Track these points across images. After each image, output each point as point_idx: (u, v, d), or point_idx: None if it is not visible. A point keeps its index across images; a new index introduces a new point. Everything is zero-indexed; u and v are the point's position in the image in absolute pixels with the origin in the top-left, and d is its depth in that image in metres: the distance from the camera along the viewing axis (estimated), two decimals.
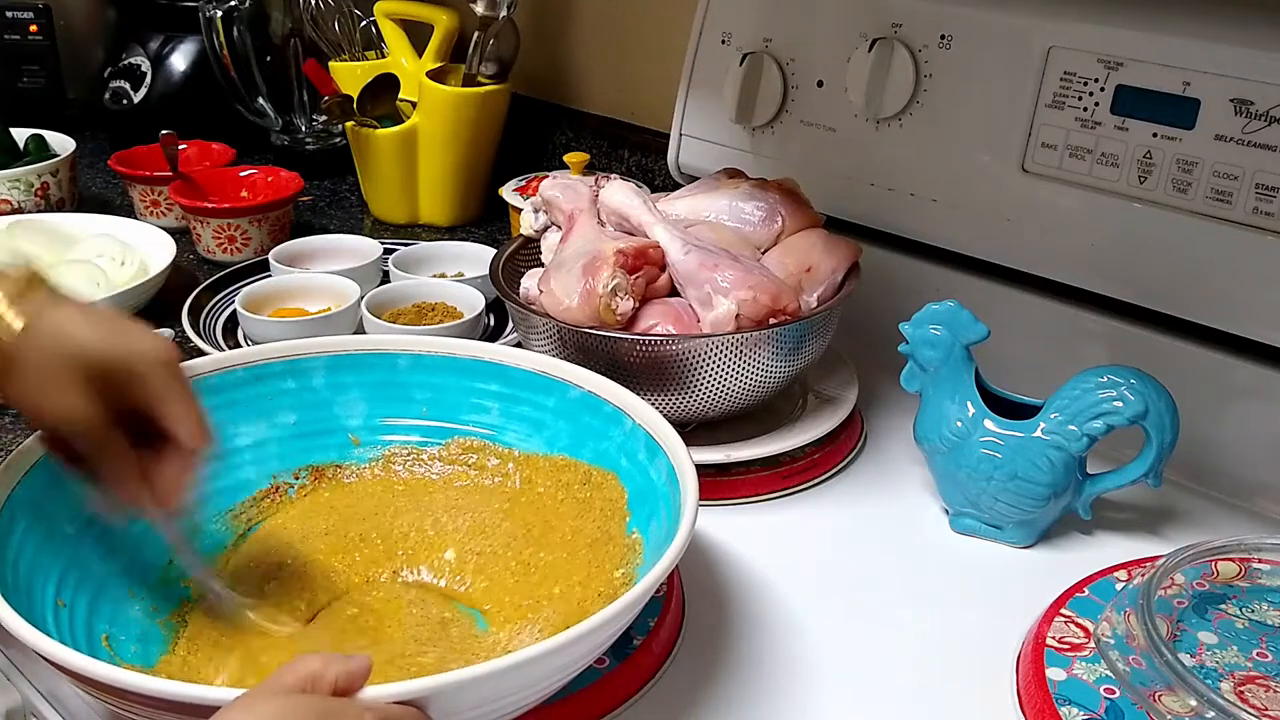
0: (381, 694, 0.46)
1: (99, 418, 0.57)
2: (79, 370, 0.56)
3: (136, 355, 0.57)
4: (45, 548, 0.60)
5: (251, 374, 0.72)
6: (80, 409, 0.56)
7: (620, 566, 0.65)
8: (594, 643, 0.54)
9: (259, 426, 0.72)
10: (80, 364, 0.56)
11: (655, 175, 1.23)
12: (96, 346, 0.56)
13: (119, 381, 0.57)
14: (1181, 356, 0.82)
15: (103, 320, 0.57)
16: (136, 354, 0.57)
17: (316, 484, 0.73)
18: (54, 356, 0.55)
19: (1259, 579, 0.69)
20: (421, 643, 0.62)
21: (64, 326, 0.56)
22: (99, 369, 0.56)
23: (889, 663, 0.66)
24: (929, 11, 0.89)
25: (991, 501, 0.75)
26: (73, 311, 0.57)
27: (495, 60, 1.24)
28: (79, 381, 0.56)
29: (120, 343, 0.57)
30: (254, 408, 0.72)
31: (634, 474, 0.68)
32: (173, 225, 1.20)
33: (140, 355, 0.57)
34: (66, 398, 0.56)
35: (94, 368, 0.56)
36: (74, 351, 0.56)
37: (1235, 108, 0.76)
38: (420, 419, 0.76)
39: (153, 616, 0.63)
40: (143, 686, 0.47)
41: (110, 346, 0.56)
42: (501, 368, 0.74)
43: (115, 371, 0.56)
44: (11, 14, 1.47)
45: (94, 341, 0.56)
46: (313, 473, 0.74)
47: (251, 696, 0.44)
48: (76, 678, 0.49)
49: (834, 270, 0.83)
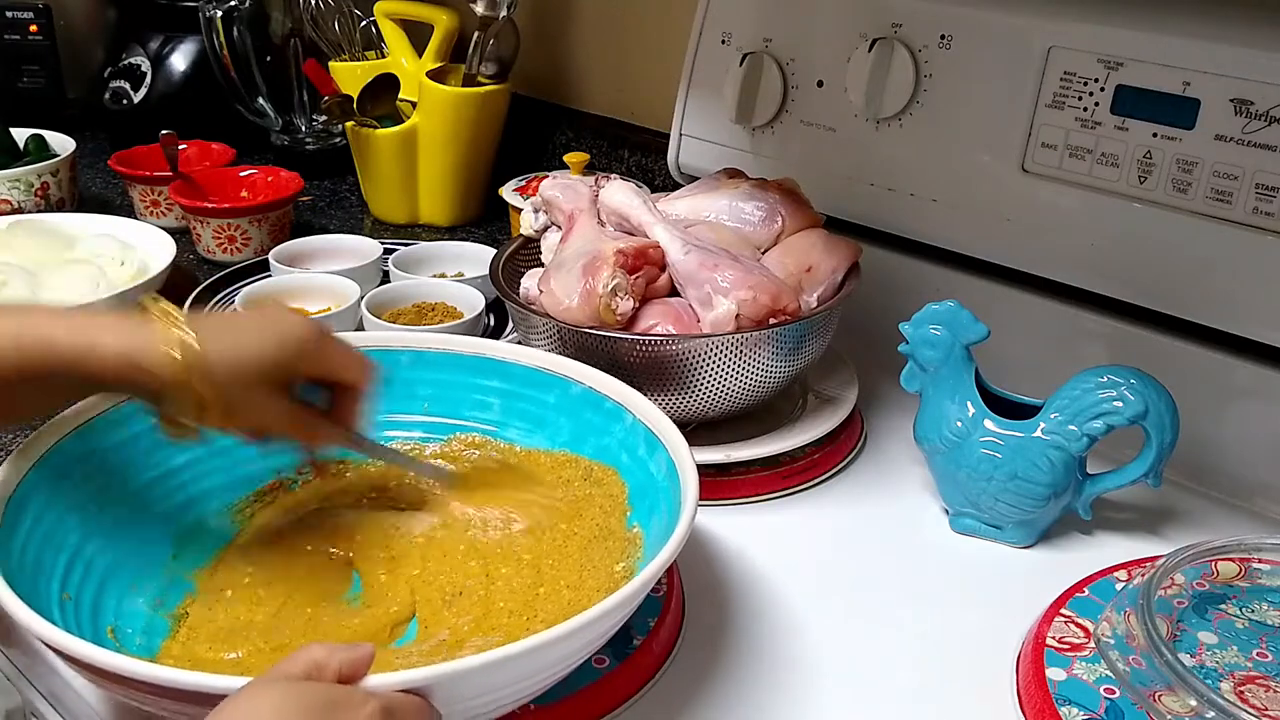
0: (384, 682, 0.46)
1: (292, 412, 0.63)
2: (265, 381, 0.60)
3: (296, 347, 0.61)
4: (51, 542, 0.60)
5: None
6: (283, 414, 0.62)
7: (621, 561, 0.65)
8: (594, 634, 0.54)
9: None
10: (265, 376, 0.60)
11: (655, 175, 1.23)
12: (270, 355, 0.60)
13: (294, 371, 0.62)
14: (1181, 356, 0.82)
15: (253, 329, 0.61)
16: (296, 347, 0.61)
17: (319, 478, 0.74)
18: (244, 382, 0.59)
19: (1259, 579, 0.69)
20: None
21: (232, 349, 0.59)
22: (279, 372, 0.61)
23: (889, 663, 0.66)
24: (929, 11, 0.89)
25: (991, 501, 0.75)
26: (220, 331, 0.59)
27: (495, 60, 1.24)
28: (269, 391, 0.61)
29: (280, 344, 0.61)
30: None
31: (634, 469, 0.68)
32: (173, 225, 1.21)
33: (299, 346, 0.61)
34: (269, 409, 0.61)
35: (275, 373, 0.60)
36: (256, 368, 0.59)
37: (1235, 108, 0.76)
38: (422, 415, 0.76)
39: (157, 609, 0.63)
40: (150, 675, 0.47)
41: (274, 351, 0.60)
42: (503, 364, 0.75)
43: (288, 366, 0.61)
44: (11, 14, 1.47)
45: (263, 353, 0.60)
46: (315, 468, 0.74)
47: (256, 684, 0.45)
48: (87, 668, 0.50)
49: (834, 270, 0.83)
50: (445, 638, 0.62)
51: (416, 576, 0.67)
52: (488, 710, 0.53)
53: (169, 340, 0.57)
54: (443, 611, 0.64)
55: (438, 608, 0.65)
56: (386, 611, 0.64)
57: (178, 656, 0.60)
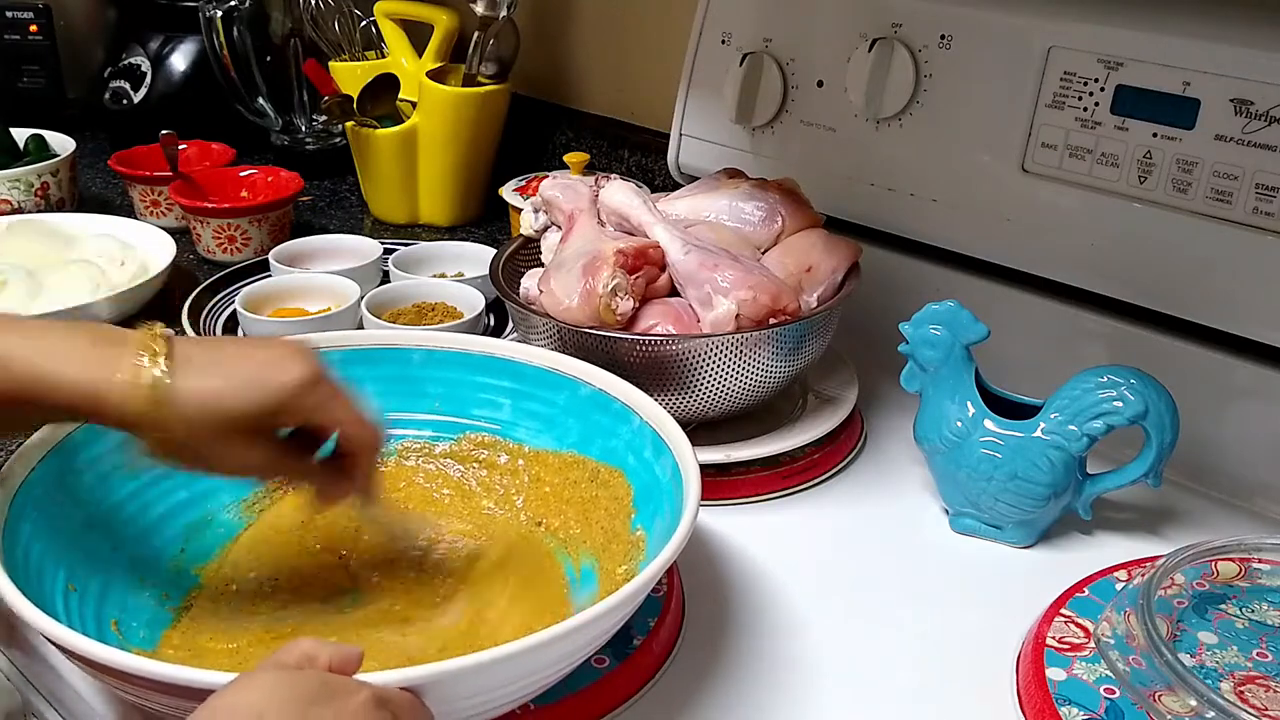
0: (377, 680, 0.46)
1: (277, 460, 0.58)
2: (235, 429, 0.55)
3: (280, 397, 0.55)
4: (58, 535, 0.60)
5: None
6: (256, 463, 0.57)
7: (623, 563, 0.65)
8: (591, 635, 0.54)
9: None
10: (234, 424, 0.55)
11: (655, 175, 1.23)
12: (241, 405, 0.54)
13: (276, 420, 0.56)
14: (1181, 356, 0.82)
15: (235, 368, 0.55)
16: (279, 397, 0.55)
17: None
18: (208, 426, 0.54)
19: (1259, 579, 0.69)
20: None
21: (204, 389, 0.54)
22: (252, 422, 0.55)
23: (889, 663, 0.66)
24: (929, 11, 0.89)
25: (991, 501, 0.75)
26: (204, 365, 0.54)
27: (495, 60, 1.24)
28: (242, 439, 0.55)
29: (260, 393, 0.55)
30: None
31: (640, 471, 0.68)
32: (173, 225, 1.21)
33: (282, 395, 0.55)
34: (239, 457, 0.56)
35: (248, 424, 0.55)
36: (223, 416, 0.54)
37: (1235, 108, 0.76)
38: (432, 414, 0.76)
39: (163, 604, 0.64)
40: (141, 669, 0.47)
41: (253, 400, 0.55)
42: (514, 364, 0.75)
43: (268, 417, 0.56)
44: (11, 14, 1.47)
45: (236, 401, 0.54)
46: None
47: (249, 674, 0.45)
48: (81, 660, 0.50)
49: (834, 270, 0.83)
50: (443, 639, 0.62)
51: (413, 579, 0.67)
52: (486, 710, 0.53)
53: (138, 377, 0.52)
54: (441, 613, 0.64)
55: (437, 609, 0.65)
56: (387, 611, 0.64)
57: (178, 646, 0.61)
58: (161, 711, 0.51)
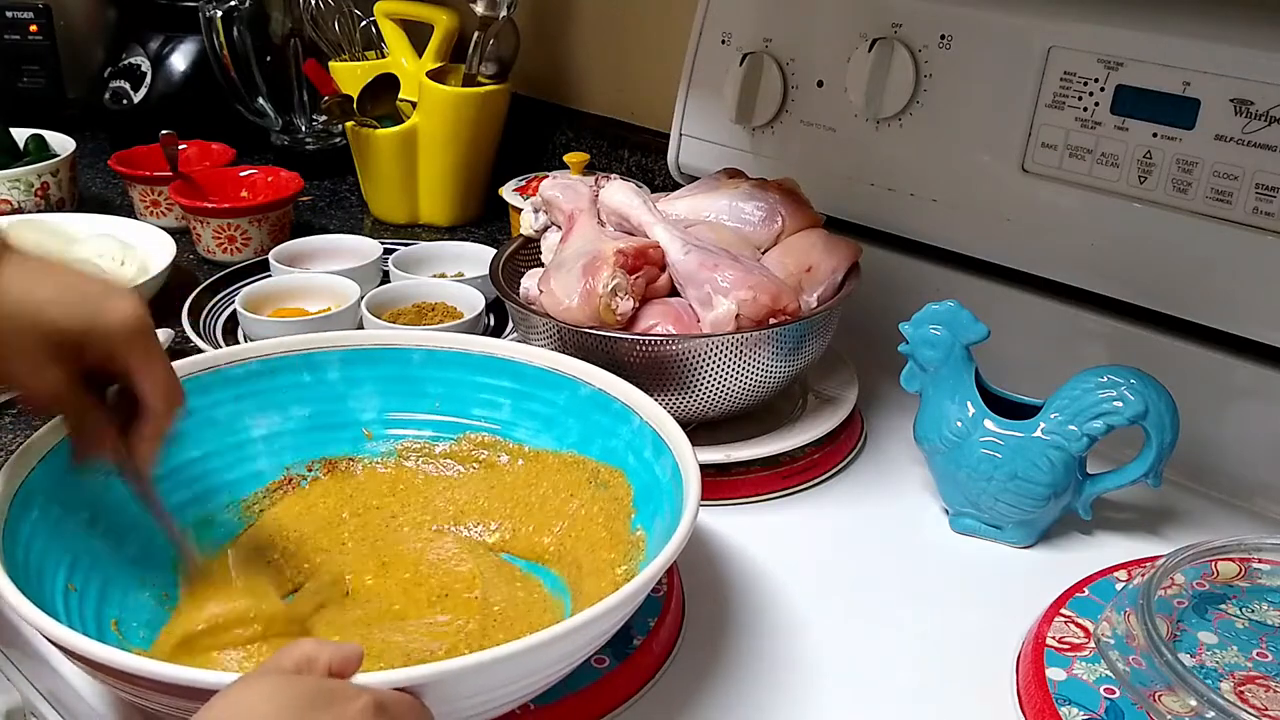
0: (376, 680, 0.46)
1: (68, 388, 0.56)
2: (46, 342, 0.54)
3: (104, 325, 0.55)
4: (58, 534, 0.60)
5: (267, 367, 0.73)
6: (49, 382, 0.55)
7: (623, 563, 0.65)
8: (591, 635, 0.54)
9: (273, 419, 0.73)
10: (47, 336, 0.54)
11: (655, 175, 1.23)
12: (63, 318, 0.54)
13: (88, 349, 0.56)
14: (1181, 356, 0.82)
15: (69, 285, 0.56)
16: (104, 324, 0.55)
17: (329, 476, 0.74)
18: (18, 329, 0.54)
19: (1259, 579, 0.69)
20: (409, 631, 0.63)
21: (30, 295, 0.54)
22: (67, 340, 0.55)
23: (889, 663, 0.66)
24: (929, 11, 0.89)
25: (991, 501, 0.75)
26: (38, 275, 0.55)
27: (495, 60, 1.24)
28: (46, 353, 0.55)
29: (87, 313, 0.55)
30: (269, 400, 0.73)
31: (640, 471, 0.68)
32: (173, 225, 1.20)
33: (107, 325, 0.55)
34: (34, 370, 0.55)
35: (61, 339, 0.55)
36: (41, 324, 0.54)
37: (1235, 108, 0.76)
38: (432, 414, 0.76)
39: (164, 603, 0.64)
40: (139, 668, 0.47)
41: (77, 318, 0.55)
42: (514, 364, 0.75)
43: (83, 342, 0.55)
44: (11, 14, 1.47)
45: (60, 313, 0.54)
46: (325, 465, 0.75)
47: (249, 677, 0.45)
48: (79, 659, 0.50)
49: (834, 270, 0.83)
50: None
51: (409, 579, 0.67)
52: (486, 710, 0.53)
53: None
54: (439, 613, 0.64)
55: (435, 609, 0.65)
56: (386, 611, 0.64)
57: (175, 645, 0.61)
58: (161, 711, 0.51)
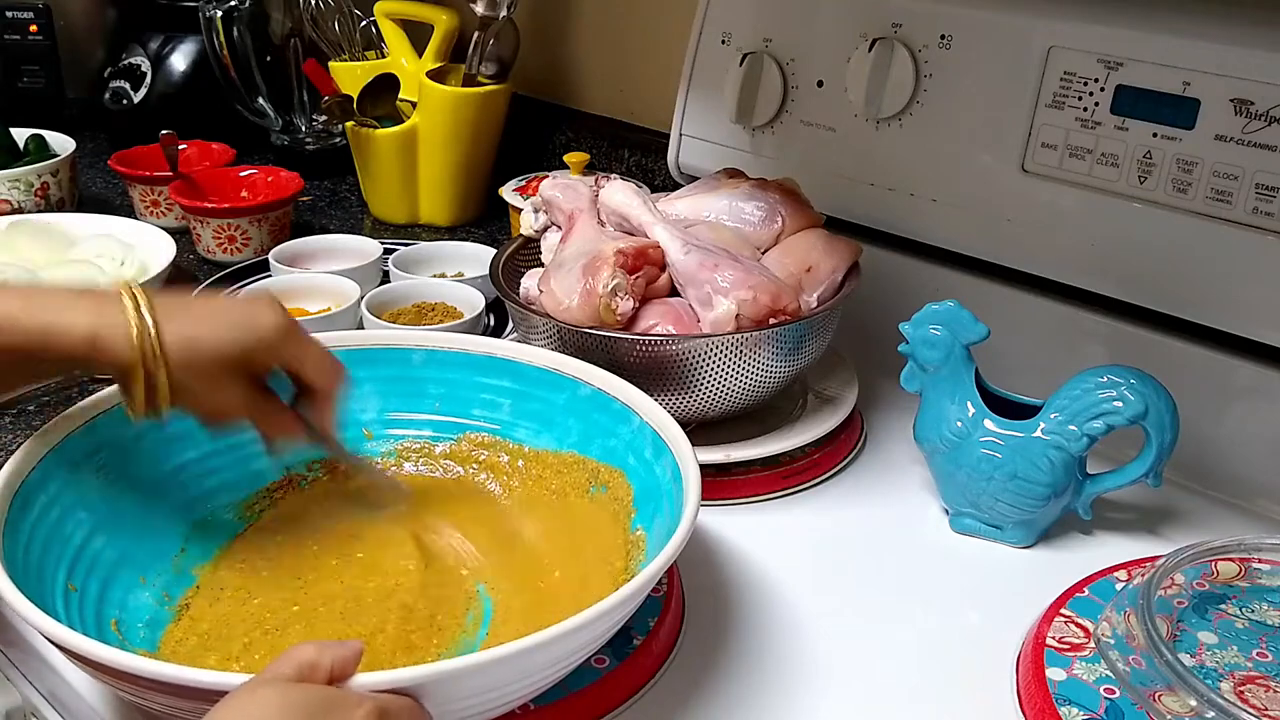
0: (377, 681, 0.46)
1: (246, 399, 0.62)
2: (218, 370, 0.60)
3: (260, 338, 0.61)
4: (58, 534, 0.60)
5: None
6: (231, 403, 0.62)
7: (623, 563, 0.65)
8: (589, 636, 0.54)
9: None
10: (216, 364, 0.60)
11: (655, 175, 1.23)
12: (227, 346, 0.60)
13: (253, 362, 0.62)
14: (1181, 356, 0.82)
15: (219, 314, 0.61)
16: (259, 337, 0.61)
17: (329, 476, 0.74)
18: (191, 370, 0.59)
19: (1259, 579, 0.69)
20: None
21: (190, 338, 0.59)
22: (232, 361, 0.60)
23: (888, 663, 0.66)
24: (929, 11, 0.89)
25: (991, 501, 0.75)
26: (185, 315, 0.60)
27: (495, 60, 1.24)
28: (220, 379, 0.60)
29: (243, 334, 0.61)
30: None
31: (640, 471, 0.68)
32: (173, 225, 1.20)
33: (261, 337, 0.61)
34: (215, 396, 0.61)
35: (229, 364, 0.60)
36: (211, 357, 0.60)
37: (1235, 108, 0.76)
38: (432, 414, 0.76)
39: (164, 603, 0.64)
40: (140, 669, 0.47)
41: (237, 342, 0.60)
42: (514, 364, 0.75)
43: (248, 358, 0.61)
44: (11, 14, 1.47)
45: (222, 342, 0.60)
46: (326, 465, 0.75)
47: (252, 684, 0.45)
48: (79, 659, 0.50)
49: (834, 270, 0.83)
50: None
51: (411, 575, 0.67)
52: (486, 710, 0.53)
53: (130, 320, 0.57)
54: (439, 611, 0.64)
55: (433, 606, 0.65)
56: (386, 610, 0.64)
57: (175, 647, 0.61)
58: (161, 711, 0.51)
